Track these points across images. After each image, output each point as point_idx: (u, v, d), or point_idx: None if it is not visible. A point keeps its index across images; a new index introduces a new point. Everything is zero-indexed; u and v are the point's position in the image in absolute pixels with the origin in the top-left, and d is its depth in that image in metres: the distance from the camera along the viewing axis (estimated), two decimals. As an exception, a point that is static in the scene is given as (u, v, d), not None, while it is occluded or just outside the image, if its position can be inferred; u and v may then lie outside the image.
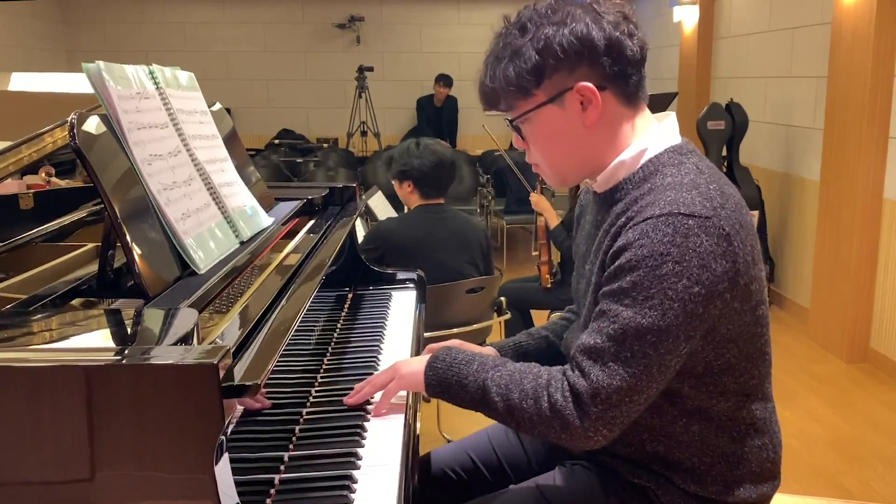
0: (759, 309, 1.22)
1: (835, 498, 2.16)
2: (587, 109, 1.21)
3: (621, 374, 1.12)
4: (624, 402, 1.13)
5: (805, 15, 4.75)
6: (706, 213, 1.12)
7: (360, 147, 7.92)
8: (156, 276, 1.18)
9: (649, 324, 1.11)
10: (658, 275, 1.10)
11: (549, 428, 1.17)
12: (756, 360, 1.25)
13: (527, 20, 1.21)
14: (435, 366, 1.29)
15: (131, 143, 1.24)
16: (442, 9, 8.66)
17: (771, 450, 1.30)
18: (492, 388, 1.22)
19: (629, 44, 1.19)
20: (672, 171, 1.20)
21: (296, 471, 1.18)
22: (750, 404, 1.27)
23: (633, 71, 1.22)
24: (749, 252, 1.16)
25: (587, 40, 1.17)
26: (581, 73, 1.20)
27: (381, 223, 3.08)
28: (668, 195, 1.15)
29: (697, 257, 1.10)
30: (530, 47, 1.19)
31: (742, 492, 1.27)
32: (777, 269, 5.10)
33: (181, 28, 8.51)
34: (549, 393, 1.17)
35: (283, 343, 1.13)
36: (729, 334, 1.19)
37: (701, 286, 1.10)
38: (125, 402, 0.87)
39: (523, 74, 1.20)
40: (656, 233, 1.11)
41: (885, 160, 3.89)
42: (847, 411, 3.52)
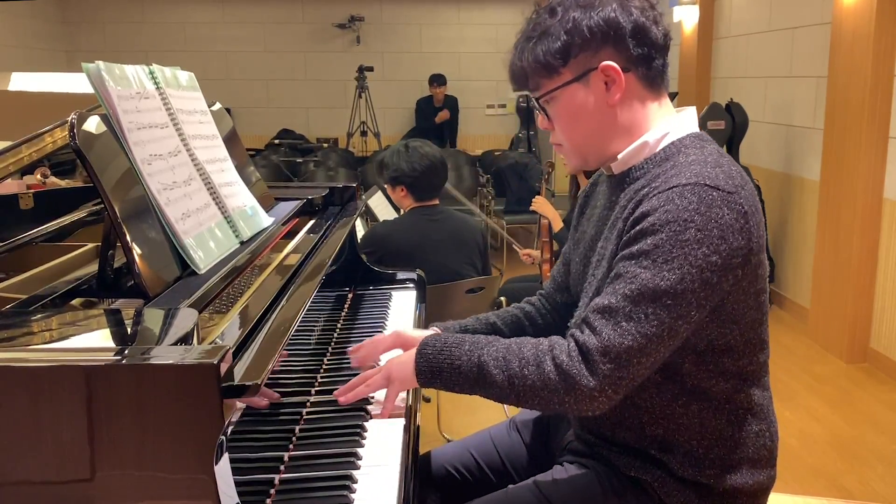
0: (762, 296, 1.25)
1: (835, 498, 2.16)
2: (611, 89, 1.25)
3: (633, 334, 1.13)
4: (632, 362, 1.14)
5: (805, 15, 4.75)
6: (730, 189, 1.17)
7: (360, 147, 7.92)
8: (156, 276, 1.18)
9: (667, 286, 1.13)
10: (681, 240, 1.13)
11: (553, 393, 1.17)
12: (755, 347, 1.27)
13: (557, 4, 1.27)
14: (425, 352, 1.27)
15: (131, 143, 1.24)
16: (442, 9, 8.66)
17: (768, 438, 1.31)
18: (489, 363, 1.21)
19: (654, 29, 1.25)
20: (695, 152, 1.25)
21: (296, 471, 1.18)
22: (748, 389, 1.28)
23: (656, 55, 1.27)
24: (760, 236, 1.20)
25: (613, 22, 1.22)
26: (606, 53, 1.24)
27: (376, 227, 3.07)
28: (694, 168, 1.20)
29: (718, 228, 1.14)
30: (559, 27, 1.24)
31: (738, 477, 1.28)
32: (777, 269, 5.10)
33: (181, 28, 8.51)
34: (553, 356, 1.18)
35: (283, 343, 1.13)
36: (734, 314, 1.21)
37: (719, 256, 1.14)
38: (125, 402, 0.87)
39: (550, 53, 1.25)
40: (682, 200, 1.15)
41: (885, 160, 3.89)
42: (847, 411, 3.52)
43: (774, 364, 1.32)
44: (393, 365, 1.32)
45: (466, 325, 1.58)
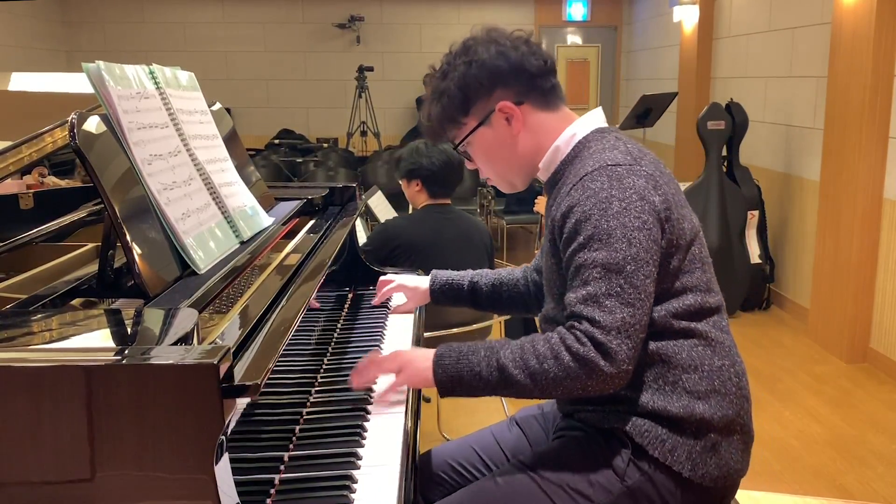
0: (694, 247, 1.37)
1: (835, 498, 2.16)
2: (512, 123, 1.44)
3: (619, 306, 1.25)
4: (632, 330, 1.25)
5: (805, 15, 4.75)
6: (629, 162, 1.33)
7: (360, 147, 7.92)
8: (156, 275, 1.18)
9: (623, 255, 1.26)
10: (611, 214, 1.27)
11: (576, 380, 1.25)
12: (704, 293, 1.37)
13: (445, 65, 1.46)
14: (443, 364, 1.34)
15: (131, 143, 1.24)
16: (442, 9, 8.66)
17: (734, 374, 1.38)
18: (508, 365, 1.29)
19: (531, 61, 1.42)
20: (596, 144, 1.40)
21: (296, 471, 1.18)
22: (705, 327, 1.37)
23: (542, 81, 1.44)
24: (674, 193, 1.36)
25: (494, 68, 1.41)
26: (498, 95, 1.43)
27: (388, 222, 3.08)
28: (595, 156, 1.36)
29: (635, 192, 1.29)
30: (452, 86, 1.43)
31: (708, 407, 1.33)
32: (777, 269, 5.10)
33: (181, 28, 8.51)
34: (567, 346, 1.26)
35: (283, 343, 1.13)
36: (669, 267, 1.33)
37: (647, 214, 1.28)
38: (125, 402, 0.87)
39: (452, 109, 1.45)
40: (594, 183, 1.30)
41: (885, 160, 3.89)
42: (847, 411, 3.52)
43: (774, 364, 1.33)
44: (405, 360, 1.39)
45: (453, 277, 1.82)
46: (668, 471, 1.32)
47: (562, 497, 1.33)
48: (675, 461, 1.31)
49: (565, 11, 8.81)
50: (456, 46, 1.47)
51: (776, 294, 5.10)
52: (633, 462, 1.33)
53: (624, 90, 8.96)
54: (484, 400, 1.35)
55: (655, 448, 1.31)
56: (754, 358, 4.10)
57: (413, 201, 3.03)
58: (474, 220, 3.07)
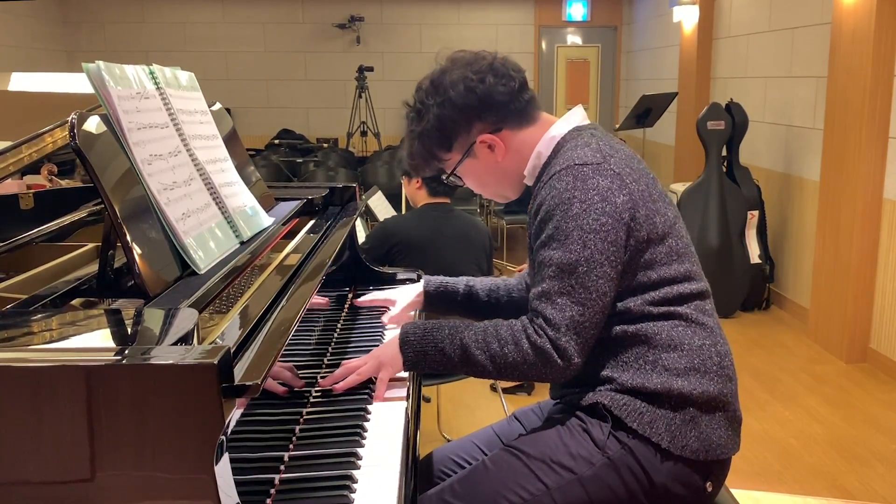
0: (669, 240, 1.39)
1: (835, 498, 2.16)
2: (495, 150, 1.49)
3: (569, 304, 1.32)
4: (582, 327, 1.32)
5: (805, 15, 4.75)
6: (597, 161, 1.36)
7: (360, 147, 7.92)
8: (156, 276, 1.18)
9: (576, 257, 1.32)
10: (570, 215, 1.33)
11: (533, 367, 1.34)
12: (682, 283, 1.39)
13: (419, 104, 1.50)
14: (408, 340, 1.42)
15: (131, 143, 1.24)
16: (442, 9, 8.66)
17: (714, 353, 1.40)
18: (471, 344, 1.37)
19: (499, 90, 1.45)
20: (571, 143, 1.44)
21: (296, 471, 1.18)
22: (685, 310, 1.39)
23: (514, 102, 1.46)
24: (644, 189, 1.38)
25: (466, 106, 1.45)
26: (476, 127, 1.47)
27: (387, 220, 3.08)
28: (567, 154, 1.40)
29: (598, 194, 1.33)
30: (429, 126, 1.47)
31: (686, 383, 1.35)
32: (777, 269, 5.10)
33: (181, 28, 8.51)
34: (527, 335, 1.34)
35: (284, 343, 1.13)
36: (642, 261, 1.37)
37: (607, 216, 1.32)
38: (125, 402, 0.87)
39: (433, 149, 1.50)
40: (560, 183, 1.35)
41: (885, 160, 3.89)
42: (847, 411, 3.52)
43: (774, 364, 1.34)
44: (380, 353, 1.45)
45: (447, 283, 1.80)
46: (647, 441, 1.34)
47: (545, 471, 1.36)
48: (654, 433, 1.34)
49: (565, 11, 8.81)
50: (425, 83, 1.49)
51: (776, 294, 5.10)
52: (613, 434, 1.36)
53: (624, 90, 8.96)
54: (484, 400, 1.36)
55: (634, 420, 1.34)
56: (754, 358, 4.10)
57: (413, 199, 3.04)
58: (473, 219, 3.07)
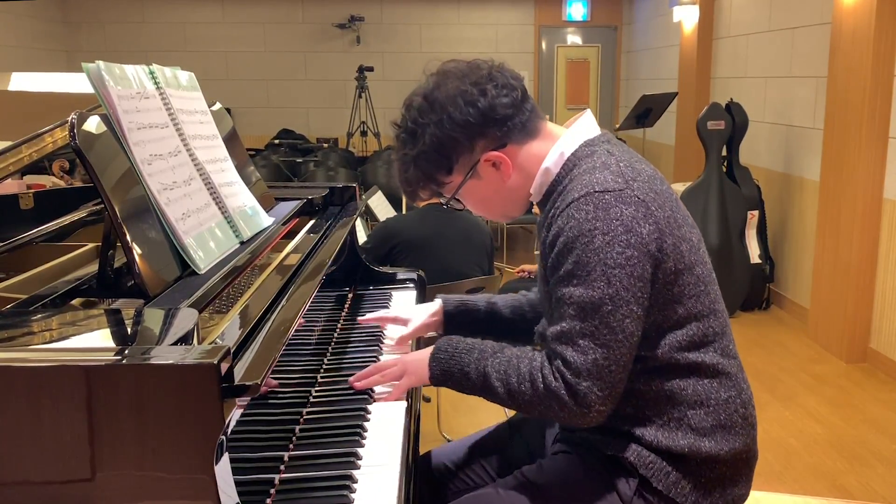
0: (697, 269, 1.30)
1: (835, 498, 2.16)
2: (500, 168, 1.36)
3: (592, 347, 1.21)
4: (604, 373, 1.21)
5: (805, 15, 4.75)
6: (619, 187, 1.24)
7: (360, 147, 7.92)
8: (156, 275, 1.18)
9: (600, 295, 1.20)
10: (592, 249, 1.21)
11: (549, 408, 1.25)
12: (707, 317, 1.31)
13: (412, 124, 1.35)
14: (438, 357, 1.37)
15: (131, 143, 1.24)
16: (442, 9, 8.66)
17: (740, 405, 1.34)
18: (492, 374, 1.30)
19: (502, 101, 1.32)
20: (586, 161, 1.31)
21: (296, 471, 1.18)
22: (710, 358, 1.31)
23: (518, 114, 1.34)
24: (670, 216, 1.27)
25: (467, 123, 1.31)
26: (480, 145, 1.34)
27: (388, 220, 3.09)
28: (584, 179, 1.27)
29: (622, 225, 1.21)
30: (427, 147, 1.33)
31: (713, 444, 1.30)
32: (777, 269, 5.10)
33: (181, 28, 8.51)
34: (542, 375, 1.26)
35: (283, 343, 1.13)
36: (670, 295, 1.27)
37: (633, 249, 1.21)
38: (125, 402, 0.87)
39: (432, 172, 1.36)
40: (580, 213, 1.23)
41: (885, 160, 3.89)
42: (847, 411, 3.52)
43: (774, 364, 1.33)
44: (409, 361, 1.43)
45: (468, 300, 1.69)
46: (671, 502, 1.30)
47: None
48: (680, 493, 1.29)
49: (565, 11, 8.81)
50: (417, 100, 1.35)
51: (776, 294, 5.10)
52: (640, 492, 1.30)
53: (624, 90, 8.96)
54: (484, 401, 1.35)
55: (660, 481, 1.29)
56: (754, 358, 4.10)
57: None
58: (475, 219, 3.07)
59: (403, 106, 1.38)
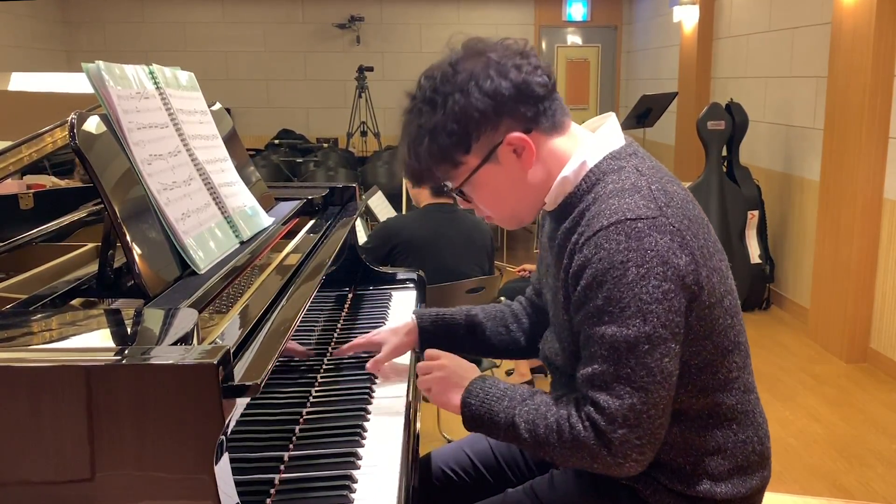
0: (727, 300, 1.23)
1: (835, 498, 2.16)
2: (522, 156, 1.22)
3: (628, 391, 1.11)
4: (642, 419, 1.12)
5: (805, 15, 4.75)
6: (653, 214, 1.14)
7: (360, 147, 7.91)
8: (156, 276, 1.18)
9: (636, 333, 1.10)
10: (625, 283, 1.10)
11: (581, 459, 1.17)
12: (731, 353, 1.25)
13: (432, 93, 1.20)
14: (469, 403, 1.27)
15: (131, 143, 1.24)
16: (442, 9, 8.66)
17: (756, 442, 1.29)
18: (520, 424, 1.21)
19: (536, 80, 1.20)
20: (613, 178, 1.20)
21: (296, 471, 1.18)
22: (730, 399, 1.26)
23: (548, 101, 1.22)
24: (703, 245, 1.18)
25: (498, 94, 1.17)
26: (505, 125, 1.20)
27: (389, 220, 3.09)
28: (612, 203, 1.16)
29: (657, 256, 1.11)
30: (447, 120, 1.19)
31: (730, 488, 1.26)
32: (777, 269, 5.10)
33: (181, 28, 8.51)
34: (570, 424, 1.16)
35: (284, 343, 1.13)
36: (702, 330, 1.19)
37: (669, 282, 1.11)
38: (125, 402, 0.87)
39: (450, 148, 1.20)
40: (610, 243, 1.12)
41: (885, 160, 3.89)
42: (847, 411, 3.52)
43: (774, 364, 1.33)
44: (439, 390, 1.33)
45: (444, 314, 1.60)
46: None
47: None
48: None
49: (565, 11, 8.80)
50: (441, 69, 1.21)
51: (776, 294, 5.10)
52: None
53: (624, 90, 8.96)
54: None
55: None
56: (754, 358, 4.04)
57: (416, 199, 3.04)
58: (476, 220, 3.07)
59: (422, 75, 1.24)
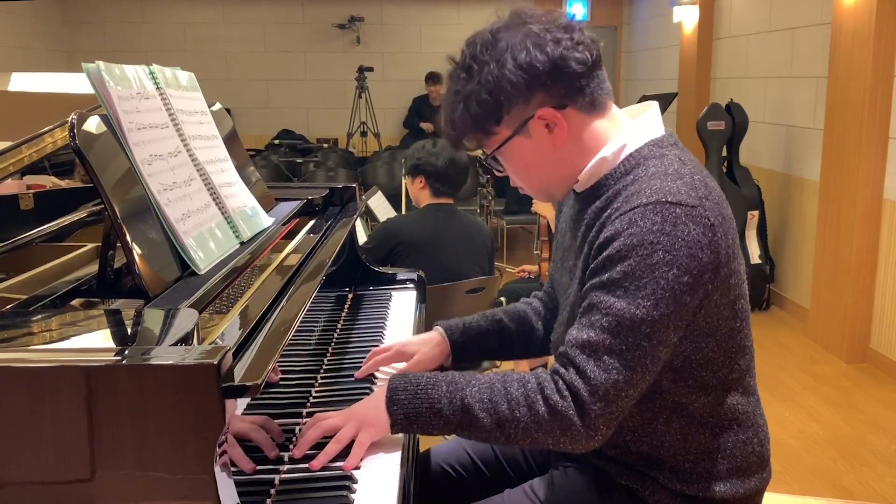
0: (738, 303, 1.22)
1: (835, 498, 2.16)
2: (553, 131, 1.22)
3: (617, 367, 1.11)
4: (620, 396, 1.12)
5: (805, 15, 4.75)
6: (692, 202, 1.13)
7: (360, 147, 7.92)
8: (156, 276, 1.18)
9: (643, 315, 1.10)
10: (649, 264, 1.10)
11: (548, 434, 1.14)
12: (735, 355, 1.24)
13: (470, 60, 1.21)
14: (397, 398, 1.19)
15: (131, 143, 1.24)
16: (442, 9, 8.66)
17: (756, 444, 1.29)
18: (474, 406, 1.16)
19: (575, 55, 1.18)
20: (655, 163, 1.20)
21: (296, 471, 1.18)
22: (731, 399, 1.26)
23: (588, 79, 1.21)
24: (730, 245, 1.17)
25: (532, 68, 1.17)
26: (538, 99, 1.20)
27: (389, 220, 3.09)
28: (654, 184, 1.15)
29: (686, 246, 1.10)
30: (481, 89, 1.19)
31: (728, 488, 1.26)
32: (777, 269, 5.10)
33: (181, 28, 8.51)
34: (544, 396, 1.14)
35: (283, 343, 1.13)
36: (707, 328, 1.19)
37: (689, 276, 1.11)
38: (125, 402, 0.87)
39: (481, 117, 1.21)
40: (645, 221, 1.11)
41: (885, 160, 3.89)
42: (847, 411, 3.52)
43: (774, 364, 1.33)
44: (360, 413, 1.22)
45: (471, 323, 1.57)
46: None
47: None
48: None
49: (565, 11, 8.81)
50: (482, 36, 1.21)
51: (776, 294, 5.10)
52: None
53: (624, 90, 8.96)
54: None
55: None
56: (754, 358, 4.09)
57: (416, 199, 3.04)
58: (476, 220, 3.07)
59: (465, 42, 1.24)
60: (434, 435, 1.21)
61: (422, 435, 1.22)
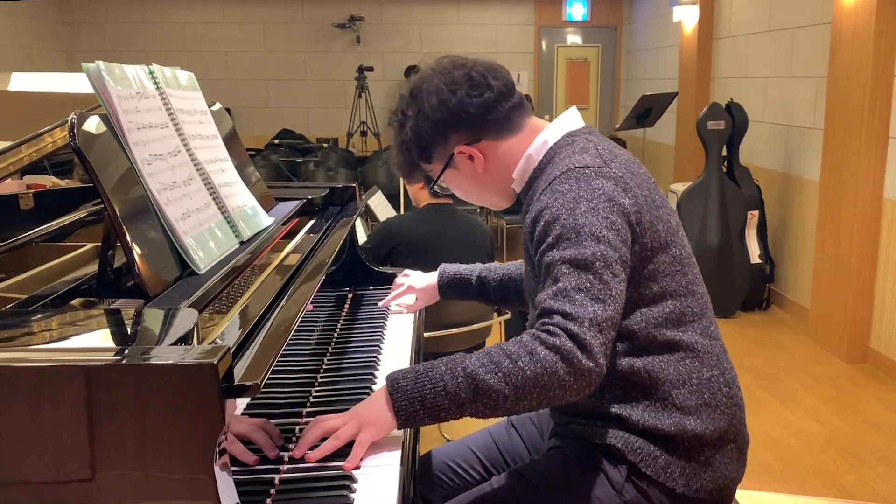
0: (673, 248, 1.35)
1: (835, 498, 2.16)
2: (475, 160, 1.43)
3: (589, 300, 1.20)
4: (603, 326, 1.20)
5: (805, 15, 4.75)
6: (598, 164, 1.32)
7: (360, 147, 7.92)
8: (156, 276, 1.18)
9: (591, 252, 1.23)
10: (577, 213, 1.26)
11: (554, 375, 1.15)
12: (684, 297, 1.35)
13: (402, 111, 1.45)
14: (399, 386, 1.20)
15: (131, 143, 1.24)
16: (442, 9, 8.66)
17: (723, 384, 1.37)
18: (478, 371, 1.17)
19: (472, 101, 1.38)
20: (566, 149, 1.38)
21: (296, 471, 1.18)
22: (689, 337, 1.34)
23: (490, 114, 1.40)
24: (648, 195, 1.33)
25: (438, 119, 1.40)
26: (454, 139, 1.42)
27: (389, 220, 3.09)
28: (564, 160, 1.35)
29: (604, 195, 1.27)
30: (409, 138, 1.43)
31: (699, 423, 1.32)
32: (777, 269, 5.10)
33: (181, 28, 8.51)
34: (541, 340, 1.17)
35: (283, 343, 1.13)
36: (646, 272, 1.32)
37: (616, 216, 1.26)
38: (125, 402, 0.87)
39: (415, 159, 1.46)
40: (562, 186, 1.29)
41: (885, 160, 3.89)
42: (847, 411, 3.52)
43: (774, 364, 1.34)
44: (361, 412, 1.22)
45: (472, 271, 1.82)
46: (662, 487, 1.32)
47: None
48: (669, 478, 1.31)
49: (565, 11, 8.81)
50: (405, 92, 1.45)
51: (776, 294, 5.10)
52: (631, 478, 1.32)
53: (624, 90, 8.96)
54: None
55: (649, 466, 1.31)
56: (754, 358, 4.10)
57: (415, 199, 3.04)
58: (476, 220, 3.07)
59: (399, 95, 1.48)
60: (441, 420, 1.19)
61: (428, 423, 1.21)
